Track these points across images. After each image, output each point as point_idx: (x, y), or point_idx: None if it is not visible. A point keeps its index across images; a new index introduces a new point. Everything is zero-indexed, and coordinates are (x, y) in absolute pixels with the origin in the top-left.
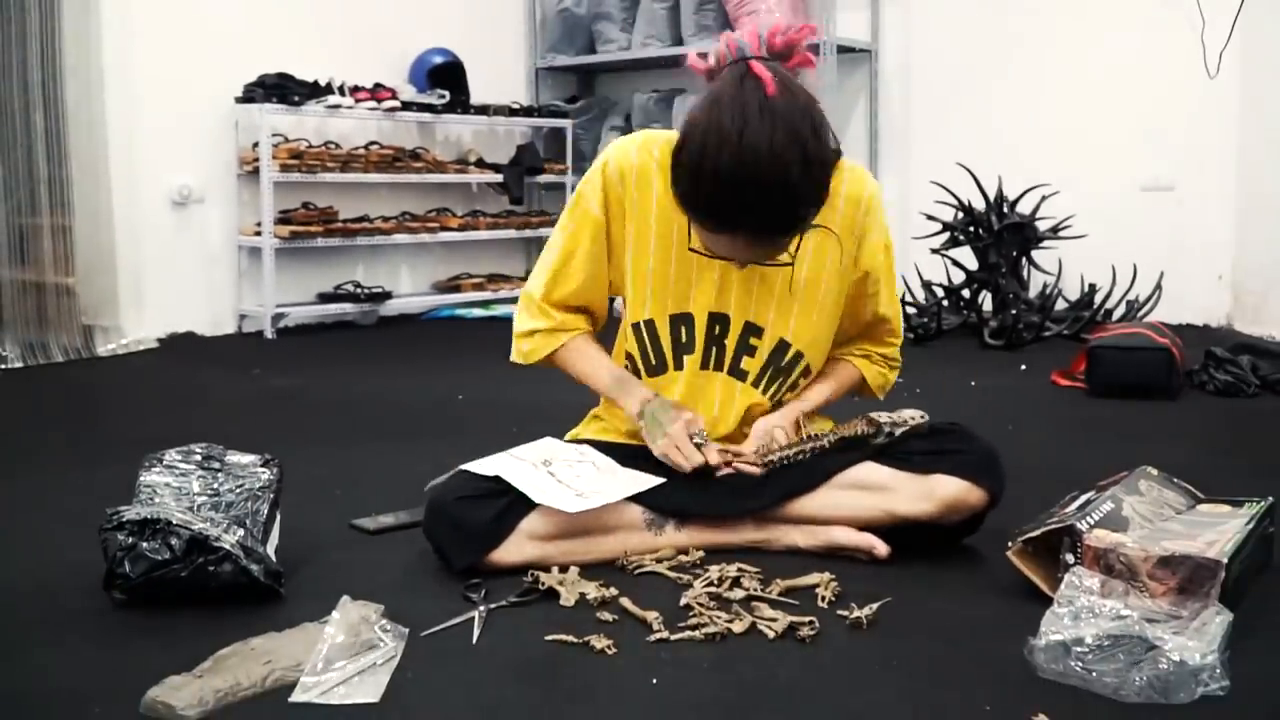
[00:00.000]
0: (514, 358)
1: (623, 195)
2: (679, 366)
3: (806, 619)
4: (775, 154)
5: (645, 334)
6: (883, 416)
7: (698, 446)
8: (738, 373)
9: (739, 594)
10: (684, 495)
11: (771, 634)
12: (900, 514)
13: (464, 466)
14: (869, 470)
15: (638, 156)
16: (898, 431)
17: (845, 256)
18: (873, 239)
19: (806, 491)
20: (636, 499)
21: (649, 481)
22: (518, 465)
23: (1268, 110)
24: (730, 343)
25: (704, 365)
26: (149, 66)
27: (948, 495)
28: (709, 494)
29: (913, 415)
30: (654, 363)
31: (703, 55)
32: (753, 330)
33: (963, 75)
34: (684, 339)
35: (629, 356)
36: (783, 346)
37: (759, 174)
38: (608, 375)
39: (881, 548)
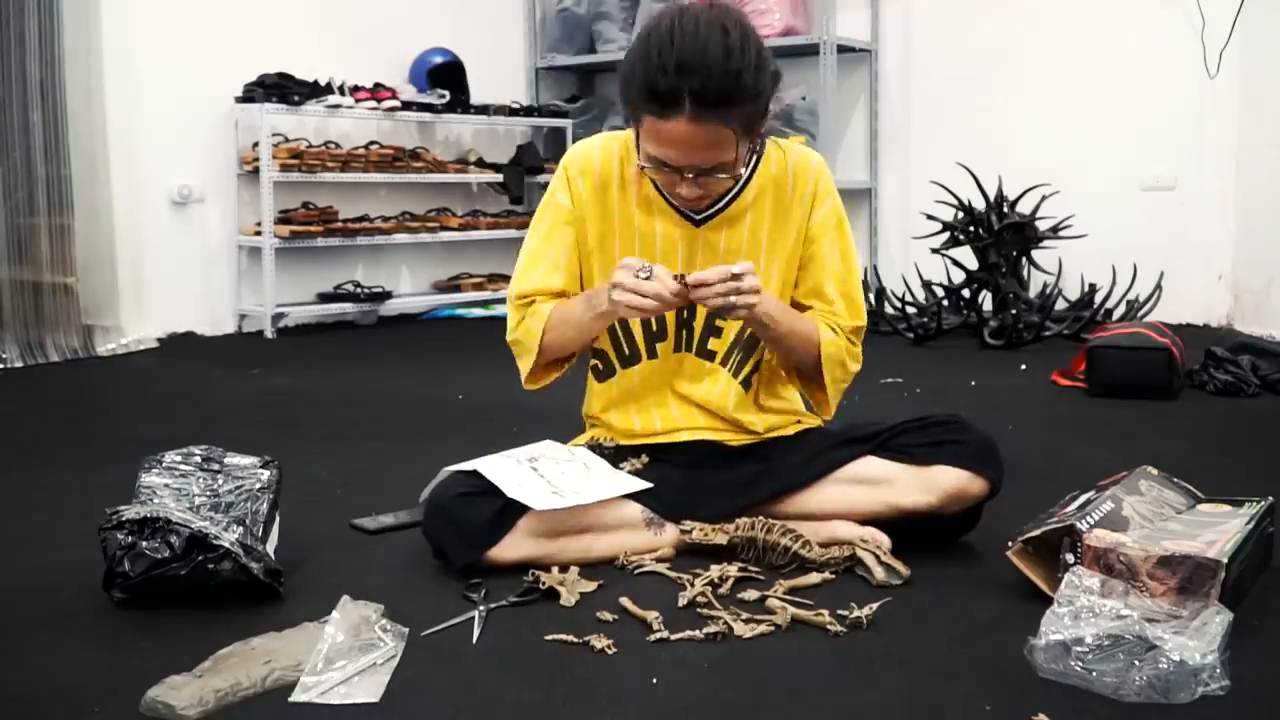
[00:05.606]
0: (524, 381)
1: (584, 193)
2: (652, 355)
3: (811, 615)
4: (710, 21)
5: (618, 326)
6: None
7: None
8: (705, 353)
9: (750, 595)
10: (681, 494)
11: (774, 629)
12: (902, 506)
13: (449, 467)
14: (869, 464)
15: (599, 157)
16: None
17: (798, 224)
18: (824, 209)
19: (806, 487)
20: (635, 498)
21: (636, 485)
22: (499, 460)
23: (1267, 110)
24: (698, 324)
25: (675, 349)
26: (149, 66)
27: (949, 485)
28: (706, 492)
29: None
30: (627, 353)
31: None
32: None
33: (963, 75)
34: (654, 327)
35: (599, 353)
36: None
37: (696, 35)
38: (581, 306)
39: (884, 542)
